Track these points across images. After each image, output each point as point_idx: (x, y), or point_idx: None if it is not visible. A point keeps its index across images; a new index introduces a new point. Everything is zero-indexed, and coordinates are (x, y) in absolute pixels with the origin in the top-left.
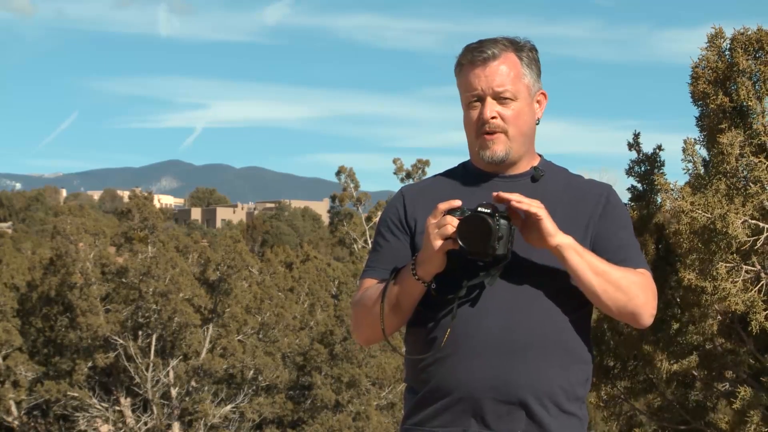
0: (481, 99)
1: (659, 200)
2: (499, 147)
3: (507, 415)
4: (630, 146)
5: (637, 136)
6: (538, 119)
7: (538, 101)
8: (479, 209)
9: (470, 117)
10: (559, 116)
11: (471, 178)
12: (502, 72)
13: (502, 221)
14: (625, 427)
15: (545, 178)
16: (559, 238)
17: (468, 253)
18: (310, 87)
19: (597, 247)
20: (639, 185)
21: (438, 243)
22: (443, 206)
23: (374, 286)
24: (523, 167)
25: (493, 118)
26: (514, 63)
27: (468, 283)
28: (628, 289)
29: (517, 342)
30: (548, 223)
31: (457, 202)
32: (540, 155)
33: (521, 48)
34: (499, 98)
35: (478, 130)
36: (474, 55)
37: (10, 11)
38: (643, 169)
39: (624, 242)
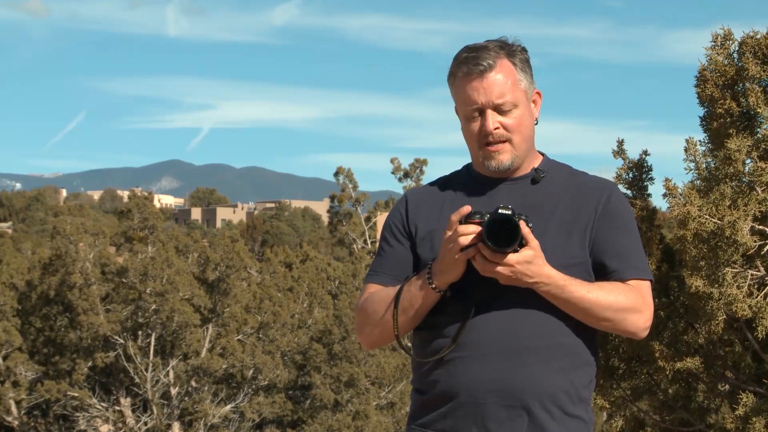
0: (482, 112)
1: (668, 205)
2: (504, 156)
3: (508, 421)
4: (615, 154)
5: (621, 143)
6: (536, 119)
7: (534, 101)
8: (500, 210)
9: (471, 130)
10: (566, 116)
11: (473, 182)
12: (500, 82)
13: (523, 219)
14: (627, 428)
15: (546, 178)
16: (537, 285)
17: (494, 252)
18: (318, 88)
19: (595, 249)
20: (628, 192)
21: (457, 255)
22: (455, 217)
23: (380, 291)
24: (525, 169)
25: (495, 128)
26: (509, 71)
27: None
28: (613, 316)
29: (519, 345)
30: (526, 280)
31: (467, 208)
32: (543, 154)
33: (513, 53)
34: (500, 109)
35: (481, 142)
36: (470, 68)
37: (24, 12)
38: (631, 175)
39: (621, 248)
